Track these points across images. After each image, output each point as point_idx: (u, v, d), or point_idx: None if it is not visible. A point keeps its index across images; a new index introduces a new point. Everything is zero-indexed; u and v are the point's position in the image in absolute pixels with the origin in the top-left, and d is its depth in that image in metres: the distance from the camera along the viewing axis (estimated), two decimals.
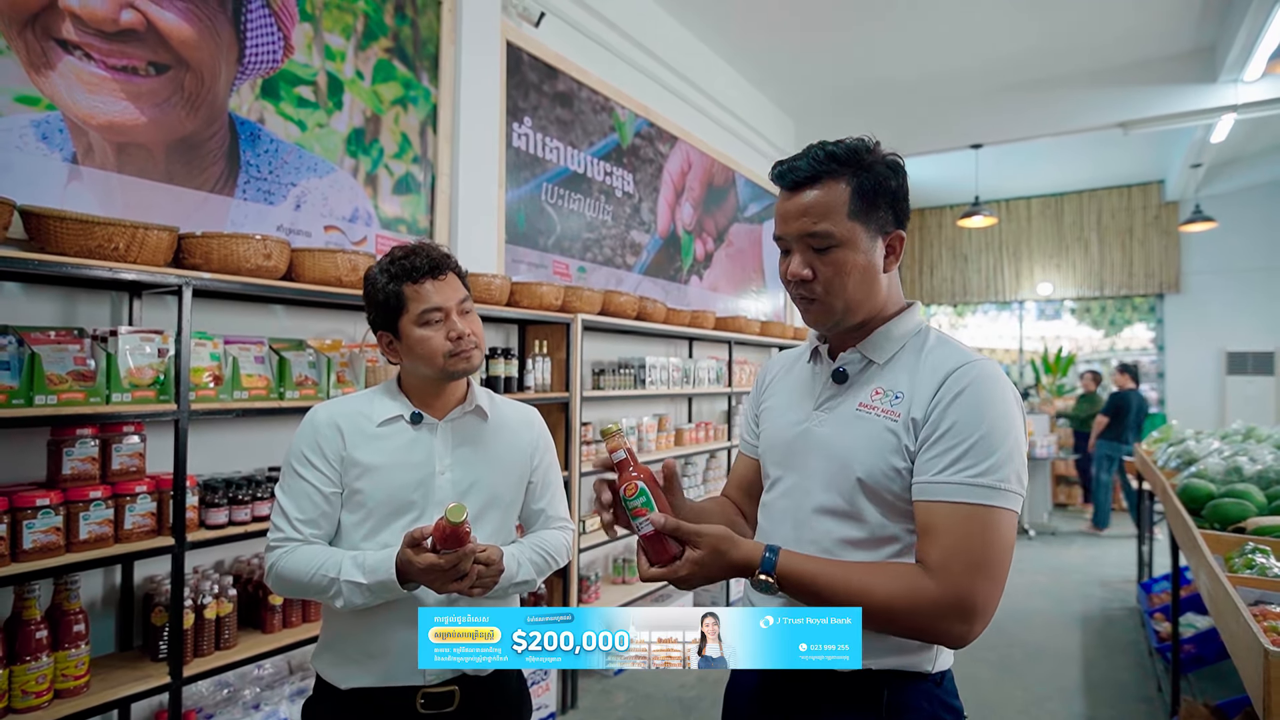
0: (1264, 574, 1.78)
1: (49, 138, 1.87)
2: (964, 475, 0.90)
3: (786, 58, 5.29)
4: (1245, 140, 6.94)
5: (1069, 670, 3.61)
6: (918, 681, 0.99)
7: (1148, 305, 9.01)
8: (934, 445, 0.93)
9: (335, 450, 1.27)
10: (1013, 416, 0.94)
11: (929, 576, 0.89)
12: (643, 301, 3.66)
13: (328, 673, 1.27)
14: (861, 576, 0.91)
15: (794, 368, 1.19)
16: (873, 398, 1.01)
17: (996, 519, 0.90)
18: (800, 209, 0.99)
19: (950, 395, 0.94)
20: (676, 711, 3.10)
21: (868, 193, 0.99)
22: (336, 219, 2.60)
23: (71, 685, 1.64)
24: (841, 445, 1.00)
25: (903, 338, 1.04)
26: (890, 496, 0.97)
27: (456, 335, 1.28)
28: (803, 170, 0.99)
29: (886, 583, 0.90)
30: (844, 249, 0.98)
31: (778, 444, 1.11)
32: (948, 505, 0.91)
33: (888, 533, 0.98)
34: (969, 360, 0.97)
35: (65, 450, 1.71)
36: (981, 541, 0.89)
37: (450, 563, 1.12)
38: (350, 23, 2.66)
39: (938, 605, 0.88)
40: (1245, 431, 3.61)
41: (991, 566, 0.89)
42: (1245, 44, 4.36)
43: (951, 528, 0.90)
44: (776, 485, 1.11)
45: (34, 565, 1.58)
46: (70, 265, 1.63)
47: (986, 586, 0.88)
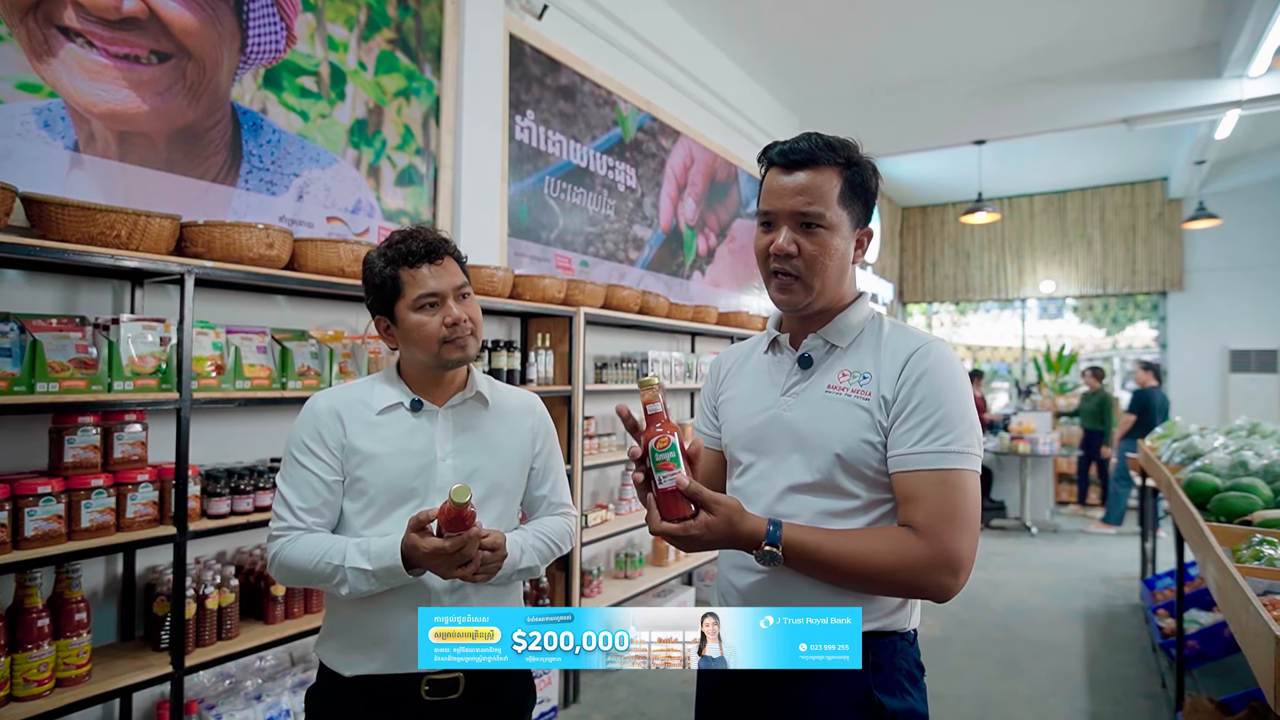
0: (1272, 565, 1.77)
1: (51, 125, 1.86)
2: (936, 445, 1.00)
3: (790, 53, 5.27)
4: (1250, 136, 6.92)
5: (1072, 666, 3.60)
6: (897, 639, 1.08)
7: (1150, 303, 8.99)
8: (906, 420, 1.02)
9: (336, 438, 1.26)
10: (967, 389, 1.05)
11: (918, 537, 0.98)
12: (645, 296, 3.65)
13: (331, 660, 1.27)
14: (858, 543, 0.99)
15: (750, 358, 1.25)
16: (840, 379, 1.09)
17: (965, 480, 1.00)
18: (797, 187, 1.05)
19: (915, 375, 1.03)
20: (679, 706, 3.09)
21: (855, 186, 1.07)
22: (339, 210, 2.60)
23: (73, 674, 1.64)
24: (815, 425, 1.07)
25: (860, 324, 1.13)
26: (866, 469, 1.04)
27: (452, 321, 1.26)
28: (804, 152, 1.06)
29: (881, 546, 0.99)
30: (830, 232, 1.06)
31: (745, 431, 1.16)
32: (925, 473, 1.00)
33: (862, 501, 1.05)
34: (925, 342, 1.06)
35: (67, 438, 1.70)
36: (958, 501, 0.98)
37: (455, 546, 1.11)
38: (353, 13, 2.65)
39: (929, 561, 0.97)
40: (1250, 427, 3.59)
41: (968, 521, 0.99)
42: (1251, 39, 4.34)
43: (930, 493, 0.99)
44: (749, 470, 1.16)
45: (35, 553, 1.57)
46: (72, 252, 1.62)
47: (967, 540, 0.98)
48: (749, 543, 0.98)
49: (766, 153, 1.11)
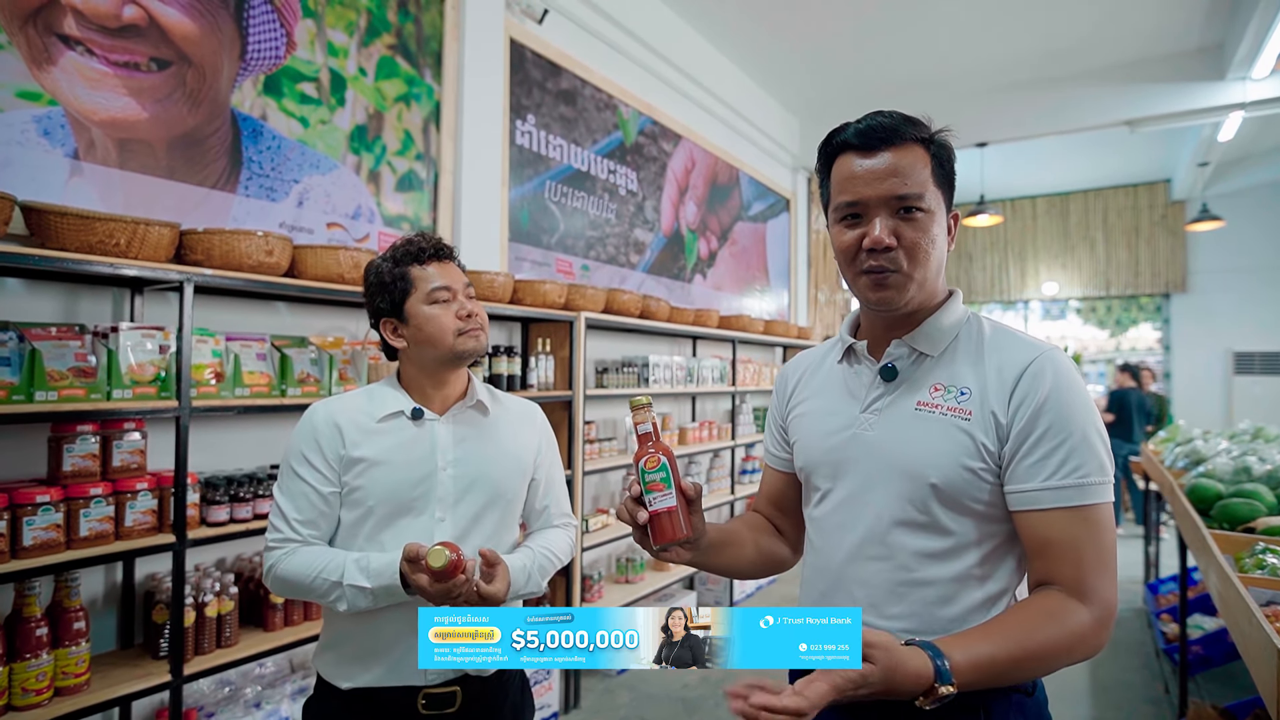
0: (1275, 574, 1.76)
1: (50, 133, 1.86)
2: (1073, 478, 0.87)
3: (792, 56, 5.27)
4: (1253, 138, 6.89)
5: (1075, 671, 3.58)
6: (1012, 694, 0.94)
7: (1154, 305, 8.96)
8: (1033, 450, 0.88)
9: (334, 449, 1.25)
10: (1092, 404, 0.91)
11: (1079, 603, 0.85)
12: (646, 300, 3.64)
13: (329, 672, 1.26)
14: (1029, 635, 0.83)
15: (821, 367, 1.10)
16: (932, 394, 0.94)
17: (1105, 515, 0.88)
18: (888, 168, 0.91)
19: (1037, 395, 0.89)
20: (680, 711, 3.08)
21: (943, 162, 0.95)
22: (339, 216, 2.59)
23: (72, 683, 1.64)
24: (904, 449, 0.93)
25: (954, 327, 0.97)
26: (970, 501, 0.91)
27: (466, 313, 1.29)
28: (885, 129, 0.92)
29: (1053, 631, 0.84)
30: (930, 216, 0.92)
31: (822, 453, 1.02)
32: (1063, 512, 0.87)
33: (968, 540, 0.92)
34: (1041, 352, 0.91)
35: (66, 447, 1.70)
36: (1104, 541, 0.87)
37: (439, 593, 1.12)
38: (353, 19, 2.65)
39: (1096, 625, 0.85)
40: (1254, 431, 3.58)
41: (1112, 564, 0.88)
42: (1254, 41, 4.32)
43: (1074, 536, 0.87)
44: (827, 498, 1.02)
45: (34, 562, 1.57)
46: (71, 261, 1.62)
47: (1114, 586, 0.87)
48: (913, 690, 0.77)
49: (835, 137, 0.96)
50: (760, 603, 4.54)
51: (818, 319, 6.80)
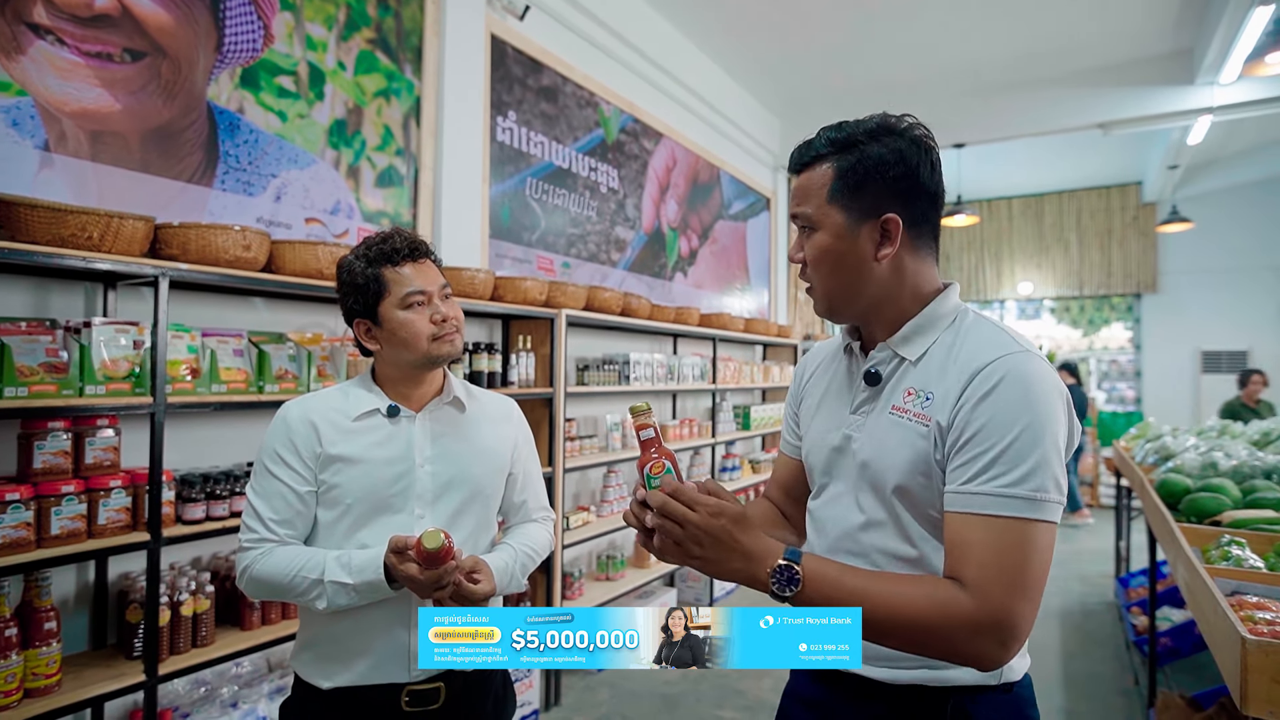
0: (1240, 565, 1.81)
1: (20, 124, 1.83)
2: (996, 485, 0.82)
3: (772, 56, 5.30)
4: (1221, 142, 7.05)
5: (1048, 663, 3.65)
6: (983, 693, 0.92)
7: (1125, 305, 9.14)
8: (962, 451, 0.85)
9: (310, 448, 1.24)
10: (1050, 416, 0.83)
11: (963, 592, 0.81)
12: (627, 298, 3.65)
13: (308, 672, 1.25)
14: (890, 583, 0.84)
15: (832, 363, 1.11)
16: (905, 400, 0.93)
17: (1035, 534, 0.81)
18: (797, 189, 0.98)
19: (978, 394, 0.85)
20: (660, 707, 3.10)
21: (850, 174, 0.92)
22: (318, 211, 2.57)
23: (42, 684, 1.61)
24: (876, 455, 0.94)
25: (935, 329, 0.95)
26: (929, 509, 0.90)
27: (441, 318, 1.27)
28: (804, 149, 0.98)
29: (917, 592, 0.82)
30: (819, 233, 0.95)
31: (818, 449, 1.05)
32: (979, 518, 0.82)
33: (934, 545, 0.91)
34: (1002, 354, 0.87)
35: (36, 443, 1.67)
36: (1017, 558, 0.80)
37: (430, 580, 1.12)
38: (332, 13, 2.62)
39: (972, 622, 0.79)
40: (1220, 428, 3.67)
41: (1030, 587, 0.80)
42: (1221, 47, 4.42)
43: (987, 543, 0.81)
44: (823, 493, 1.05)
45: (3, 561, 1.54)
46: (42, 254, 1.59)
47: (1026, 608, 0.80)
48: (755, 560, 0.84)
49: None
50: (738, 598, 4.57)
51: (797, 317, 6.85)
